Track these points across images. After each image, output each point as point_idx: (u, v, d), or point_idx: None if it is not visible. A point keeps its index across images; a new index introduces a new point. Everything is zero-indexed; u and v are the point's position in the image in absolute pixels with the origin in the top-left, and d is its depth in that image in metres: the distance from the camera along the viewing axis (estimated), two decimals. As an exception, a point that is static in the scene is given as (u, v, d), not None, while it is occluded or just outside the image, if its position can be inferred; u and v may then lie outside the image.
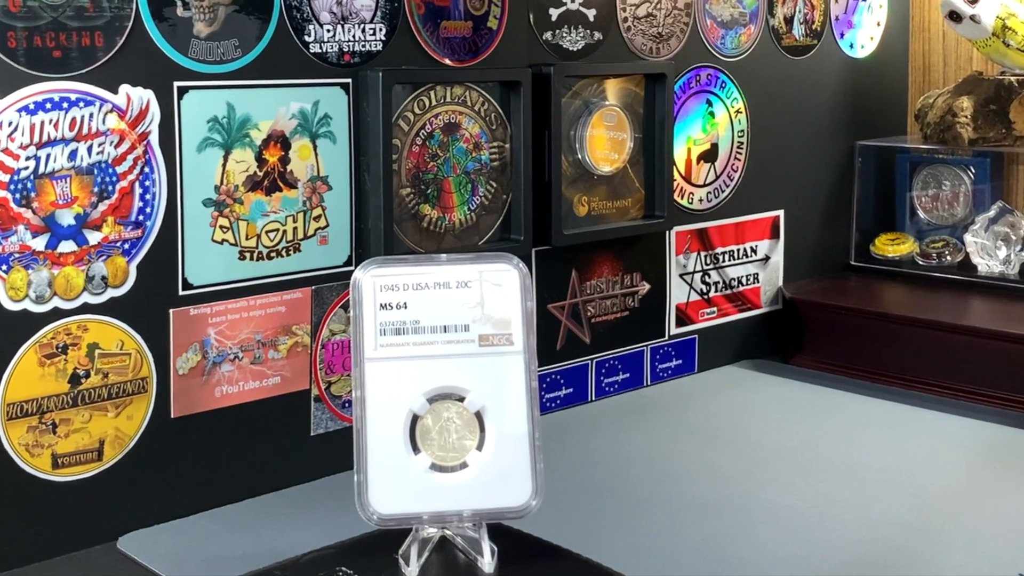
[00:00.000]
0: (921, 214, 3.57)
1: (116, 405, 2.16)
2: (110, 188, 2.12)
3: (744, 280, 3.27)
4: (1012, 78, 3.30)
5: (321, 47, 2.38)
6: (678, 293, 3.11)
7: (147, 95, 2.16)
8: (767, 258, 3.33)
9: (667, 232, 3.05)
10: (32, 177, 2.03)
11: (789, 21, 3.31)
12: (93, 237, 2.11)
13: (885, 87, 3.65)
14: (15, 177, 2.02)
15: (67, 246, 2.08)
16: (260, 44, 2.30)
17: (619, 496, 2.36)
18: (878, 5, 3.58)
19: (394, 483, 1.74)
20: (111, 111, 2.12)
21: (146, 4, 2.15)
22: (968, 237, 3.36)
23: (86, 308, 2.11)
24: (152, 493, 2.22)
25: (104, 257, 2.13)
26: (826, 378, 3.12)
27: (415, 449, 1.75)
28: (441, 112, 2.56)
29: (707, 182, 3.15)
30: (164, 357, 2.22)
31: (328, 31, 2.39)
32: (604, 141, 2.85)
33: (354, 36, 2.42)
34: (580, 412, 2.86)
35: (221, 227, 2.27)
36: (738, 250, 3.25)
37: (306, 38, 2.36)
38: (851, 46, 3.50)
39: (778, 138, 3.32)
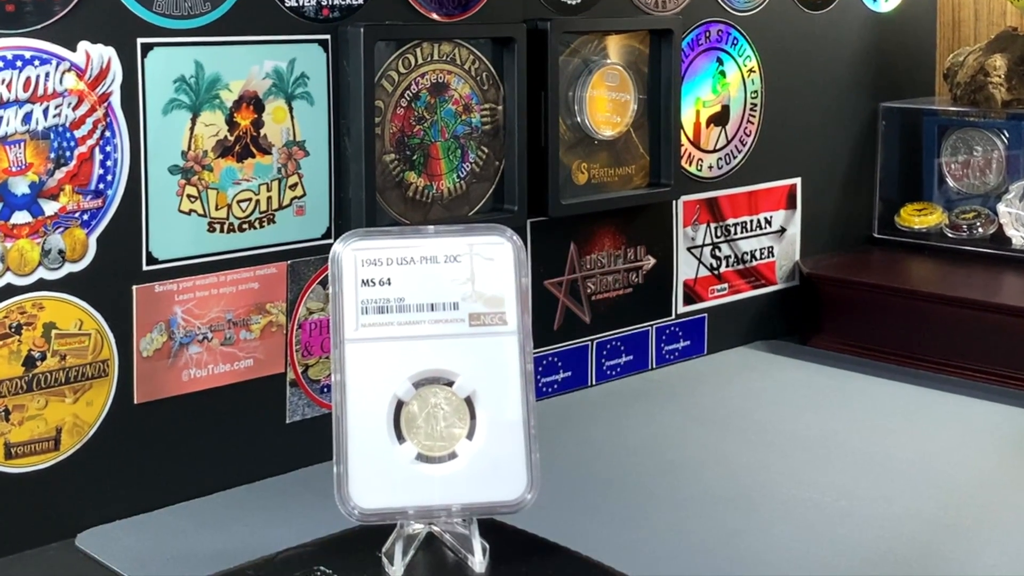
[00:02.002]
0: (950, 182, 3.57)
1: (74, 390, 2.16)
2: (68, 154, 2.11)
3: (758, 254, 3.27)
4: (1050, 34, 3.30)
5: (298, 0, 2.37)
6: (686, 268, 3.11)
7: (108, 53, 2.15)
8: (783, 230, 3.33)
9: (674, 202, 3.05)
10: (-18, 142, 2.03)
11: (807, -28, 3.31)
12: (49, 207, 2.10)
13: (911, 44, 3.64)
14: (-37, 142, 2.02)
15: (21, 217, 2.08)
16: (231, -3, 2.30)
17: (621, 489, 2.36)
18: (904, -46, 3.59)
19: (377, 475, 1.74)
20: (69, 70, 2.11)
21: (106, -47, 2.15)
22: (1001, 207, 3.35)
23: (42, 284, 2.11)
24: (114, 486, 2.22)
25: (61, 229, 2.12)
26: (847, 360, 3.12)
27: (400, 438, 1.76)
28: (428, 71, 2.56)
29: (717, 147, 3.15)
30: (127, 338, 2.21)
31: (305, -18, 2.38)
32: (605, 103, 2.85)
33: (333, -12, 2.42)
34: (579, 397, 2.86)
35: (189, 196, 2.27)
36: (751, 221, 3.25)
37: (281, -10, 2.36)
38: (875, -1, 3.51)
39: (795, 100, 3.31)
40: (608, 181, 2.89)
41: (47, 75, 2.08)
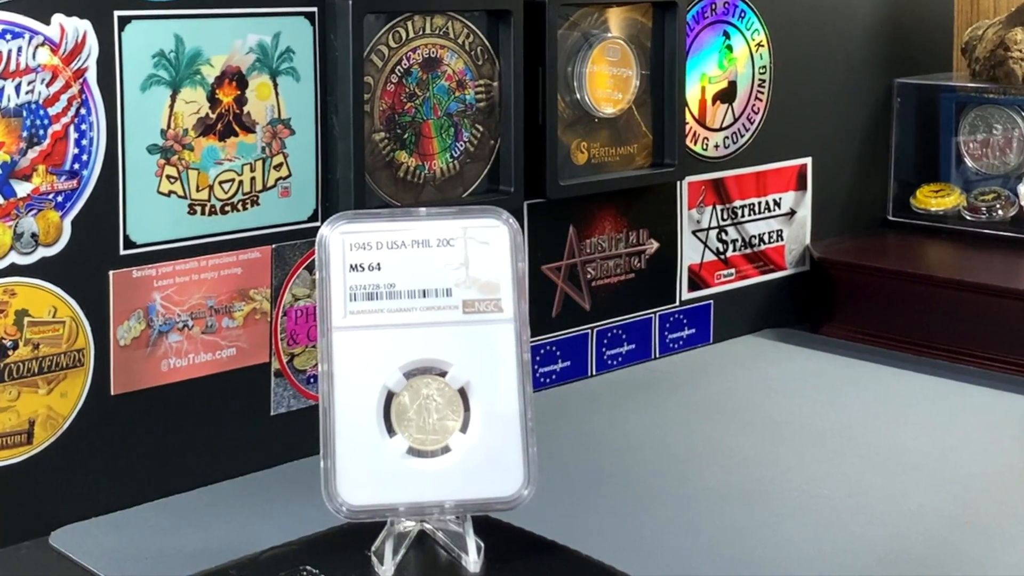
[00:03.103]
0: (969, 162, 3.57)
1: (48, 380, 2.16)
2: (41, 132, 2.11)
3: (766, 238, 3.27)
4: (1073, 7, 3.30)
5: (282, -30, 2.37)
6: (691, 252, 3.10)
7: (84, 26, 2.15)
8: (792, 212, 3.32)
9: (678, 183, 3.05)
10: (-50, 120, 2.03)
11: (819, -59, 3.30)
12: (21, 188, 2.10)
13: (927, 17, 3.64)
14: (-69, 120, 2.02)
15: (-9, 199, 2.08)
16: (212, -33, 2.30)
17: (623, 484, 2.36)
18: (920, -77, 3.58)
19: (366, 470, 1.73)
20: (42, 44, 2.10)
21: (80, -80, 2.14)
22: (1022, 188, 3.36)
23: (13, 270, 2.11)
24: (90, 481, 2.22)
25: (34, 211, 2.12)
26: (860, 349, 3.12)
27: (390, 431, 1.75)
28: (420, 45, 2.55)
29: (724, 126, 3.15)
30: (103, 326, 2.21)
31: (290, -48, 2.38)
32: (606, 79, 2.84)
33: (320, -42, 2.42)
34: (579, 388, 2.86)
35: (168, 177, 2.26)
36: (759, 203, 3.25)
37: (265, -40, 2.35)
38: (889, -30, 3.50)
39: (805, 75, 3.31)
40: (609, 161, 2.89)
41: (19, 49, 2.08)
